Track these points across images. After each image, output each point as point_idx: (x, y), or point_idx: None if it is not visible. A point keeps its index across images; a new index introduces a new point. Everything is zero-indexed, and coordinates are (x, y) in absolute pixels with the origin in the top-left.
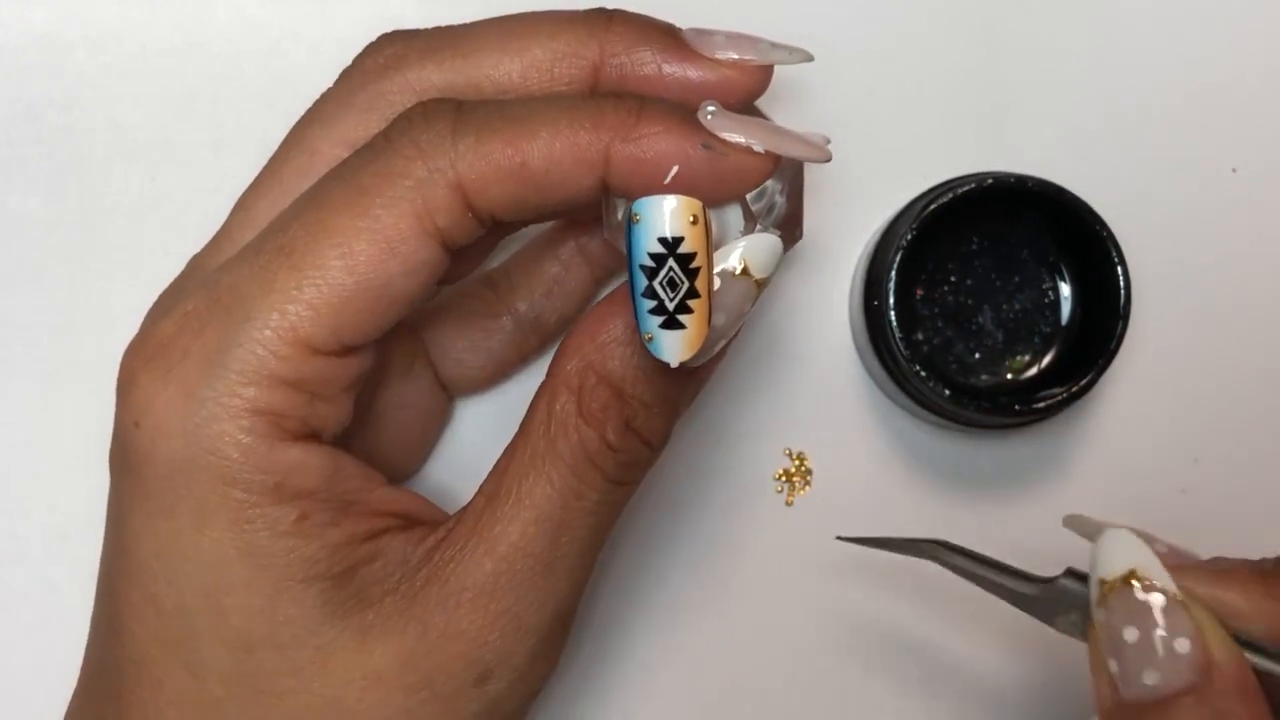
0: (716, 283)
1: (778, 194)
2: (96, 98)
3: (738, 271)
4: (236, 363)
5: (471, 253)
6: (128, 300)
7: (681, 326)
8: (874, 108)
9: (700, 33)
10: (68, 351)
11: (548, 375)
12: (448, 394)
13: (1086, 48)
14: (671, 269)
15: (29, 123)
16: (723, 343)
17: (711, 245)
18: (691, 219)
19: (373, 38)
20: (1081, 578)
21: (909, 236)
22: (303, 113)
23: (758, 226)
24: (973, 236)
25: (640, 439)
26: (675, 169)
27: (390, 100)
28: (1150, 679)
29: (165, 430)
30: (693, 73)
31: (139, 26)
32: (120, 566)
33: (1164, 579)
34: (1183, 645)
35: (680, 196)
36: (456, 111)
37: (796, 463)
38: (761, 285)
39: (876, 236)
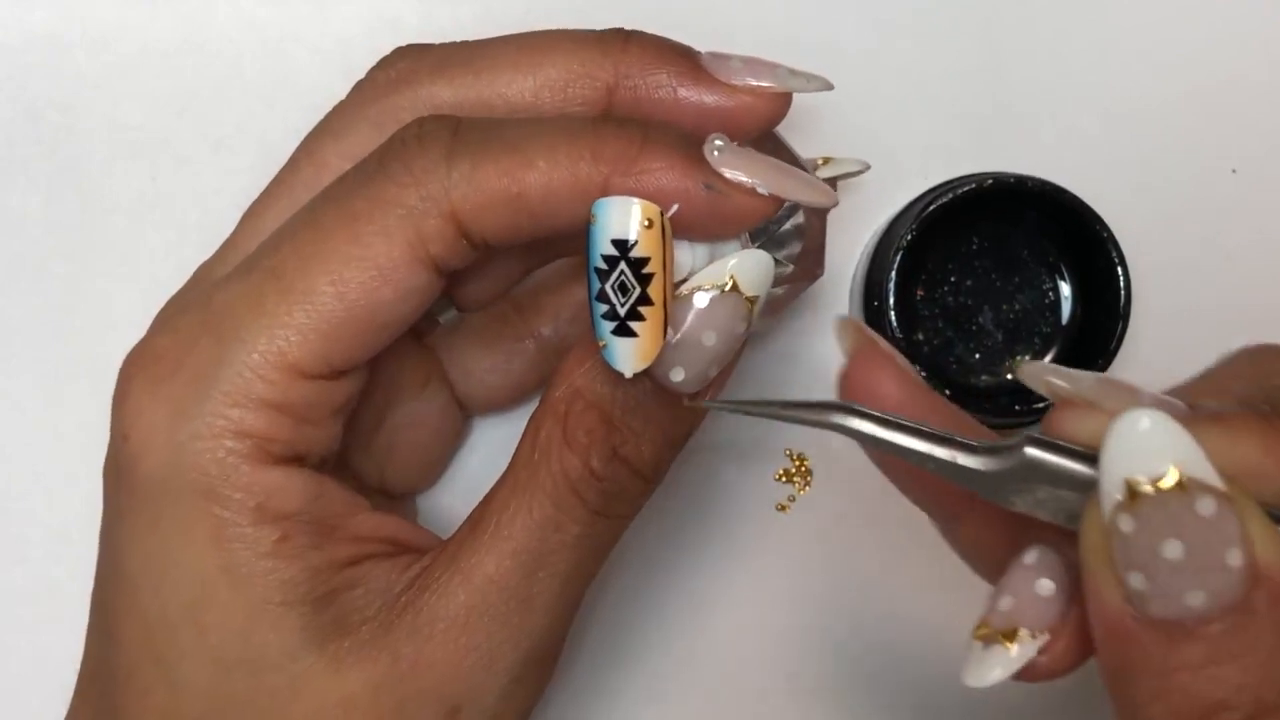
0: (704, 299)
1: (794, 227)
2: (96, 98)
3: (726, 288)
4: (224, 383)
5: (497, 281)
6: (128, 300)
7: (633, 334)
8: (874, 108)
9: (717, 57)
10: (68, 351)
11: (540, 401)
12: (465, 412)
13: (1086, 48)
14: (623, 272)
15: (29, 123)
16: (718, 368)
17: (669, 252)
18: (646, 223)
19: (372, 38)
20: (1051, 446)
21: (909, 237)
22: (303, 113)
23: (753, 244)
24: (973, 237)
25: (628, 468)
26: (675, 207)
27: (401, 116)
28: (1195, 599)
29: (151, 445)
30: (708, 98)
31: (139, 27)
32: (111, 574)
33: (1212, 477)
34: (1235, 558)
35: (637, 199)
36: (453, 133)
37: (797, 463)
38: (753, 303)
39: (876, 236)
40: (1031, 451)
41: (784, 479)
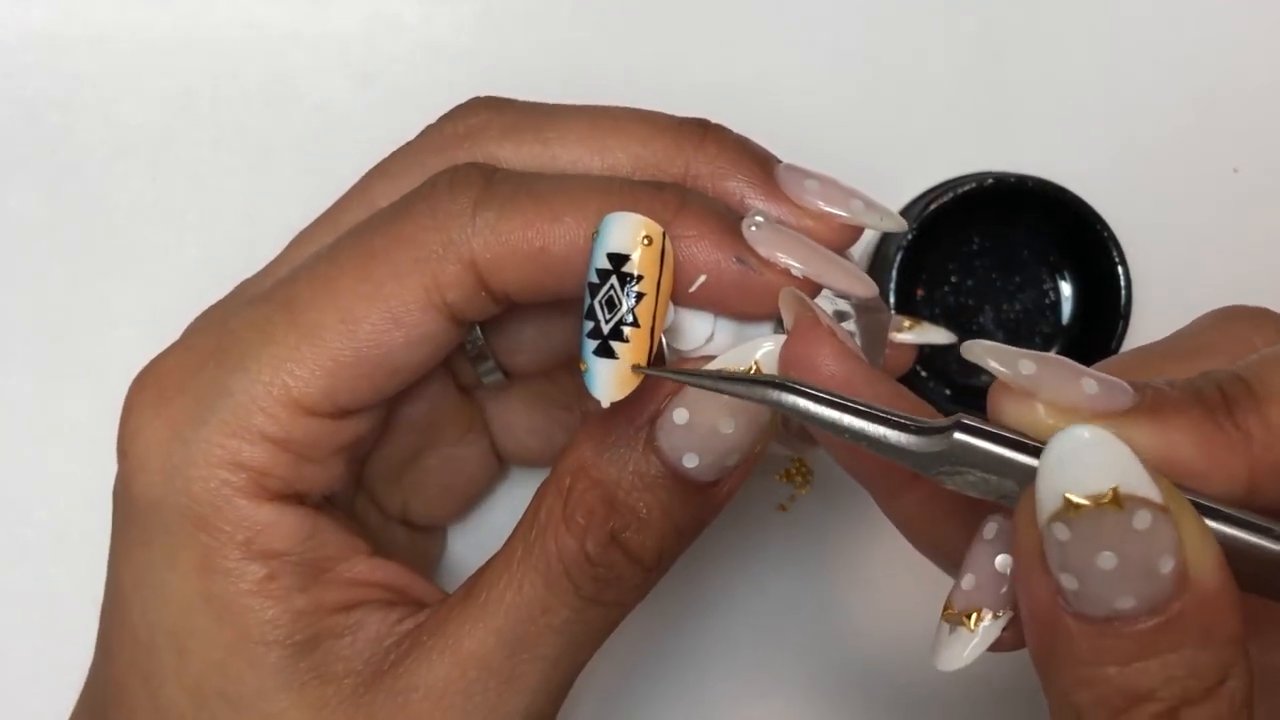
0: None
1: (836, 313)
2: (96, 97)
3: (750, 374)
4: (224, 412)
5: (547, 353)
6: (126, 301)
7: (613, 356)
8: (874, 107)
9: (794, 171)
10: (67, 352)
11: (549, 473)
12: (503, 462)
13: (1088, 48)
14: (613, 286)
15: (29, 123)
16: (737, 456)
17: (667, 277)
18: (646, 240)
19: (372, 37)
20: (981, 432)
21: (909, 237)
22: (303, 113)
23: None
24: (973, 236)
25: (626, 554)
26: (703, 278)
27: None
28: (1125, 603)
29: (146, 464)
30: (774, 212)
31: (138, 26)
32: (110, 589)
33: (1150, 490)
34: (1167, 565)
35: (640, 216)
36: (485, 182)
37: (797, 463)
38: None
39: (877, 237)
40: (960, 437)
41: (784, 479)
